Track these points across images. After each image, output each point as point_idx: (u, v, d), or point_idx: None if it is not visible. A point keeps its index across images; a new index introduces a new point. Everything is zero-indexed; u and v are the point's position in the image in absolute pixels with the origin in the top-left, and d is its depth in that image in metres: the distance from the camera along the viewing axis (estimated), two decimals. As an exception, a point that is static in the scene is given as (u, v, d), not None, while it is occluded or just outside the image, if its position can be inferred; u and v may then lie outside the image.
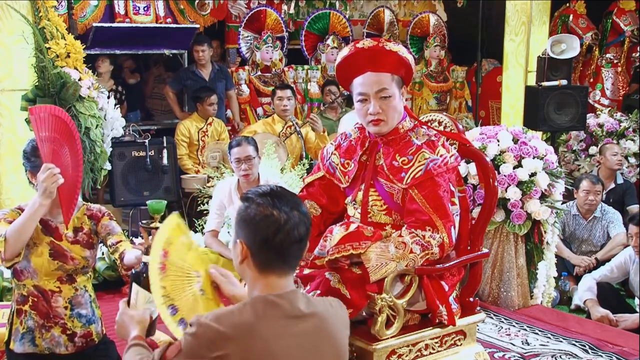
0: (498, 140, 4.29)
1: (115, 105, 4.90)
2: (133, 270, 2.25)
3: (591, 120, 6.78)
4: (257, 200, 1.81)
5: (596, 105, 7.74)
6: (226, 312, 1.76)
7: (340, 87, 6.93)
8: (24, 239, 2.45)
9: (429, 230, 2.49)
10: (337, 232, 2.53)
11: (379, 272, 2.45)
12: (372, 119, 2.59)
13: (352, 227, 2.53)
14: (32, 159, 2.55)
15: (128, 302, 2.19)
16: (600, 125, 6.76)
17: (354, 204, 2.71)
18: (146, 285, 2.10)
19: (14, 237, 2.40)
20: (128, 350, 1.98)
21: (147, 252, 2.41)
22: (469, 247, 2.77)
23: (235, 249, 1.85)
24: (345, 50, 2.65)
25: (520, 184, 4.19)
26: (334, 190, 2.80)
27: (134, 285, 2.18)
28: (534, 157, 4.23)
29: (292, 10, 7.83)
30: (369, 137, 2.72)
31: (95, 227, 2.69)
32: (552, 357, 3.62)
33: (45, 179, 2.34)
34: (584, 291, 4.60)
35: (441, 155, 2.57)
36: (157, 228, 2.43)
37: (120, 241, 2.66)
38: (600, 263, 5.04)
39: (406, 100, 2.80)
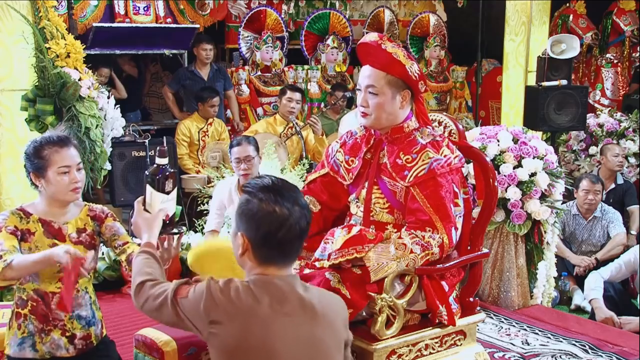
0: (498, 140, 4.29)
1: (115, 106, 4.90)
2: (147, 172, 2.26)
3: (591, 120, 6.78)
4: (259, 195, 1.84)
5: (596, 105, 7.74)
6: (233, 286, 1.82)
7: (345, 91, 6.92)
8: (28, 274, 2.44)
9: (429, 230, 2.50)
10: (339, 235, 2.52)
11: (380, 272, 2.45)
12: (361, 110, 2.65)
13: (355, 230, 2.53)
14: (35, 160, 2.50)
15: (144, 202, 2.22)
16: (600, 125, 6.76)
17: (356, 202, 2.71)
18: (161, 188, 2.18)
19: (19, 270, 2.35)
20: (138, 256, 2.07)
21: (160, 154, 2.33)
22: (469, 247, 2.78)
23: (236, 241, 1.89)
24: (362, 39, 2.69)
25: (520, 184, 4.19)
26: (335, 187, 2.80)
27: (148, 187, 2.22)
28: (534, 157, 4.23)
29: (292, 10, 7.83)
30: (374, 135, 2.72)
31: (98, 228, 2.67)
32: (552, 357, 3.61)
33: (71, 265, 2.27)
34: (591, 289, 4.53)
35: (445, 156, 2.57)
36: (174, 233, 2.38)
37: (127, 243, 2.65)
38: (600, 263, 5.02)
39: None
